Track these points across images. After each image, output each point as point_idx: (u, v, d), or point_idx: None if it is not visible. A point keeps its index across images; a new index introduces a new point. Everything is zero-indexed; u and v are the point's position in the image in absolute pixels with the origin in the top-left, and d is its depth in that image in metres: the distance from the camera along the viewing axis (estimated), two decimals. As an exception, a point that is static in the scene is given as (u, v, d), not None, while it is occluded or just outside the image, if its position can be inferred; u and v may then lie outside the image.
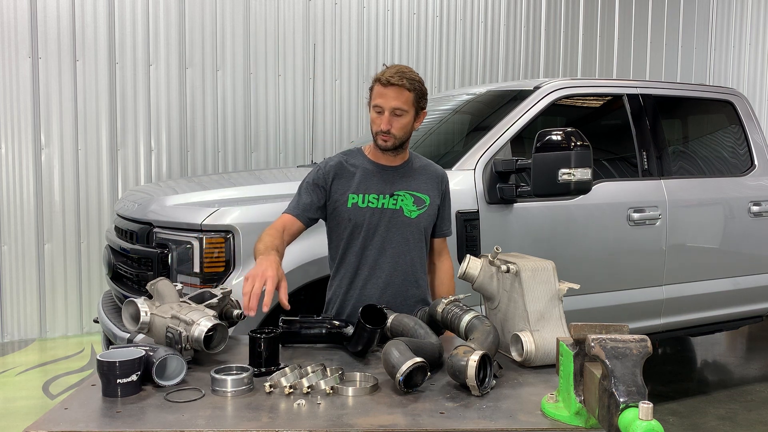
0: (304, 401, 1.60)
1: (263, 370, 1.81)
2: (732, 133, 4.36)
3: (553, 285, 1.94)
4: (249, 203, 2.94)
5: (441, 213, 2.43)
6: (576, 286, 1.94)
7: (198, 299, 2.07)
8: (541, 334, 1.88)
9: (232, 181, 3.85)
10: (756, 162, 4.29)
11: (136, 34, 5.48)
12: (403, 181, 2.32)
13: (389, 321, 2.04)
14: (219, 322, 1.85)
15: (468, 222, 3.14)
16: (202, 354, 1.89)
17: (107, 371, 1.62)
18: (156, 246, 2.93)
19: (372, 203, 2.27)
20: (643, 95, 3.97)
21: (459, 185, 3.20)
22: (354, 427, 1.47)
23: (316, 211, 2.30)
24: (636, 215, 3.66)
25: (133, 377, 1.64)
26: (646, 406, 1.19)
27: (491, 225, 3.21)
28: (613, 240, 3.61)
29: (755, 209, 4.11)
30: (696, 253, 3.95)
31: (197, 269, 2.79)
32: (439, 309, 2.04)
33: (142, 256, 3.01)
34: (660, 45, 8.52)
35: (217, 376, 1.67)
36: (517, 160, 3.22)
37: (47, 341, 5.21)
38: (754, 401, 4.05)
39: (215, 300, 2.08)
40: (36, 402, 3.91)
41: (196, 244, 2.79)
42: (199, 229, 2.81)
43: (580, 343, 1.44)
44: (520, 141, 3.45)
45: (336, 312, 2.34)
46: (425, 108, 2.29)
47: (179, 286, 2.08)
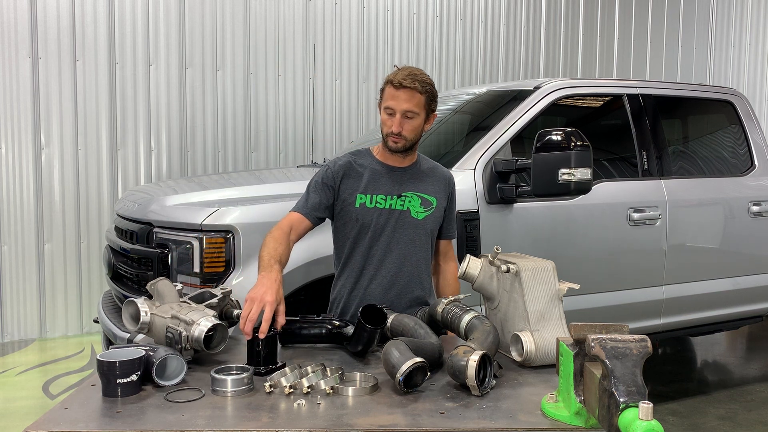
0: (304, 401, 1.60)
1: (262, 369, 1.81)
2: (732, 133, 4.36)
3: (553, 285, 1.94)
4: (249, 203, 2.94)
5: (447, 215, 2.44)
6: (576, 286, 1.94)
7: (198, 299, 2.07)
8: (541, 334, 1.88)
9: (232, 181, 3.85)
10: (756, 162, 4.29)
11: (136, 34, 5.48)
12: (411, 183, 2.32)
13: (389, 321, 2.04)
14: (219, 322, 1.85)
15: (468, 222, 3.14)
16: (202, 354, 1.89)
17: (107, 371, 1.62)
18: (156, 246, 2.93)
19: (380, 204, 2.27)
20: (643, 95, 3.96)
21: (459, 185, 3.17)
22: (354, 427, 1.47)
23: (324, 211, 2.31)
24: (636, 215, 3.66)
25: (133, 377, 1.64)
26: (646, 406, 1.19)
27: (491, 225, 3.21)
28: (613, 240, 3.61)
29: (755, 209, 4.11)
30: (696, 253, 3.95)
31: (197, 269, 2.78)
32: (439, 309, 2.05)
33: (142, 256, 3.01)
34: (660, 45, 8.52)
35: (217, 376, 1.67)
36: (517, 160, 3.22)
37: (47, 341, 5.21)
38: (754, 401, 4.05)
39: (215, 300, 2.08)
40: (36, 402, 3.91)
41: (196, 244, 2.79)
42: (199, 229, 2.81)
43: (580, 343, 1.44)
44: (520, 141, 3.45)
45: (340, 311, 2.34)
46: (435, 110, 2.30)
47: (179, 286, 2.08)
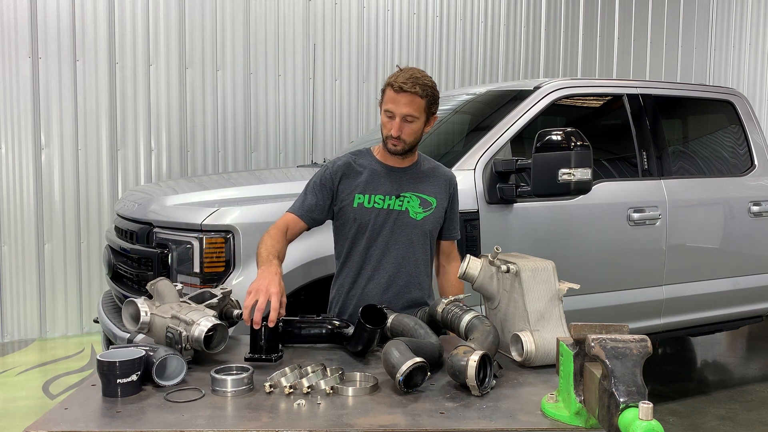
0: (304, 401, 1.60)
1: (264, 357, 1.85)
2: (732, 133, 4.36)
3: (553, 285, 1.94)
4: (249, 203, 2.94)
5: (449, 216, 2.42)
6: (576, 286, 1.94)
7: (198, 299, 2.07)
8: (541, 334, 1.88)
9: (232, 181, 3.85)
10: (756, 162, 4.29)
11: (136, 34, 5.48)
12: (411, 183, 2.32)
13: (389, 321, 2.04)
14: (219, 322, 1.85)
15: (468, 222, 3.14)
16: (202, 354, 1.89)
17: (107, 371, 1.62)
18: (156, 246, 2.93)
19: (378, 204, 2.27)
20: (643, 95, 3.96)
21: (459, 185, 3.18)
22: (354, 427, 1.47)
23: (320, 213, 2.31)
24: (636, 215, 3.66)
25: (133, 377, 1.64)
26: (646, 406, 1.19)
27: (491, 225, 3.21)
28: (613, 240, 3.61)
29: (755, 209, 4.11)
30: (696, 253, 3.95)
31: (197, 269, 2.79)
32: (439, 309, 2.05)
33: (142, 256, 3.01)
34: (660, 45, 8.52)
35: (217, 376, 1.67)
36: (517, 160, 3.22)
37: (47, 341, 5.21)
38: (754, 401, 4.05)
39: (215, 300, 2.08)
40: (36, 402, 3.91)
41: (196, 244, 2.79)
42: (199, 229, 2.81)
43: (580, 343, 1.44)
44: (520, 141, 3.45)
45: (338, 311, 2.35)
46: (436, 113, 2.29)
47: (179, 286, 2.08)
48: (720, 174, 4.19)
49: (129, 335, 2.78)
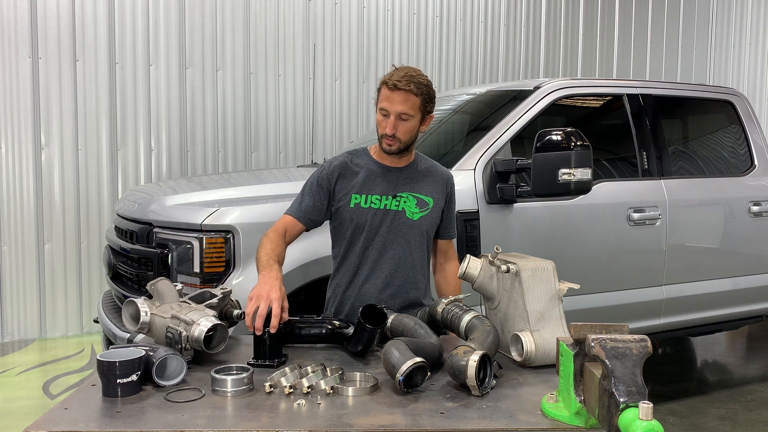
0: (304, 401, 1.60)
1: (267, 362, 1.87)
2: (732, 133, 4.36)
3: (553, 285, 1.94)
4: (249, 203, 2.94)
5: (446, 215, 2.42)
6: (576, 286, 1.94)
7: (198, 299, 2.07)
8: (541, 334, 1.88)
9: (232, 181, 3.85)
10: (756, 162, 4.29)
11: (136, 34, 5.48)
12: (408, 183, 2.31)
13: (389, 321, 2.04)
14: (219, 322, 1.85)
15: (468, 222, 3.14)
16: (202, 354, 1.89)
17: (107, 371, 1.62)
18: (156, 246, 2.93)
19: (374, 204, 2.26)
20: (643, 95, 3.96)
21: (459, 185, 3.18)
22: (354, 427, 1.47)
23: (318, 214, 2.30)
24: (636, 215, 3.66)
25: (133, 377, 1.64)
26: (646, 406, 1.19)
27: (491, 225, 3.21)
28: (613, 240, 3.61)
29: (755, 209, 4.11)
30: (696, 253, 3.95)
31: (197, 269, 2.79)
32: (439, 309, 2.05)
33: (142, 256, 3.01)
34: (660, 45, 8.52)
35: (217, 376, 1.67)
36: (517, 160, 3.22)
37: (47, 341, 5.21)
38: (754, 401, 4.05)
39: (215, 300, 2.08)
40: (36, 402, 3.91)
41: (196, 244, 2.79)
42: (199, 229, 2.81)
43: (580, 343, 1.44)
44: (520, 141, 3.45)
45: (334, 310, 2.35)
46: (432, 112, 2.28)
47: (179, 286, 2.08)
48: (720, 174, 4.19)
49: (129, 335, 2.78)
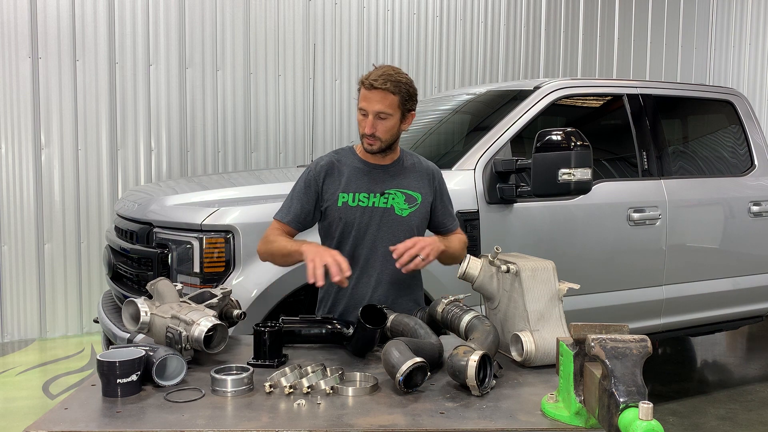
0: (304, 401, 1.60)
1: (267, 362, 1.87)
2: (732, 133, 4.36)
3: (553, 285, 1.94)
4: (249, 203, 2.94)
5: (442, 210, 2.40)
6: (576, 286, 1.94)
7: (198, 299, 2.07)
8: (541, 334, 1.88)
9: (232, 181, 3.85)
10: (756, 162, 4.29)
11: (136, 34, 5.48)
12: (394, 180, 2.30)
13: (389, 321, 2.04)
14: (219, 322, 1.85)
15: (468, 222, 3.14)
16: (202, 354, 1.89)
17: (107, 371, 1.62)
18: (156, 246, 2.93)
19: (362, 202, 2.26)
20: (643, 95, 3.96)
21: (459, 185, 3.20)
22: (354, 427, 1.47)
23: (307, 216, 2.31)
24: (636, 215, 3.66)
25: (133, 377, 1.64)
26: (646, 406, 1.19)
27: (491, 225, 3.21)
28: (613, 240, 3.61)
29: (755, 209, 4.11)
30: (696, 253, 3.95)
31: (197, 269, 2.78)
32: (439, 309, 2.05)
33: (142, 256, 3.01)
34: (660, 45, 8.52)
35: (217, 376, 1.67)
36: (517, 160, 3.22)
37: (47, 341, 5.21)
38: (754, 401, 4.05)
39: (215, 300, 2.08)
40: (36, 402, 3.91)
41: (196, 244, 2.79)
42: (199, 229, 2.81)
43: (580, 343, 1.44)
44: (520, 141, 3.45)
45: (328, 310, 2.34)
46: (414, 109, 2.26)
47: (179, 286, 2.08)
48: (720, 174, 4.19)
49: (129, 335, 2.78)
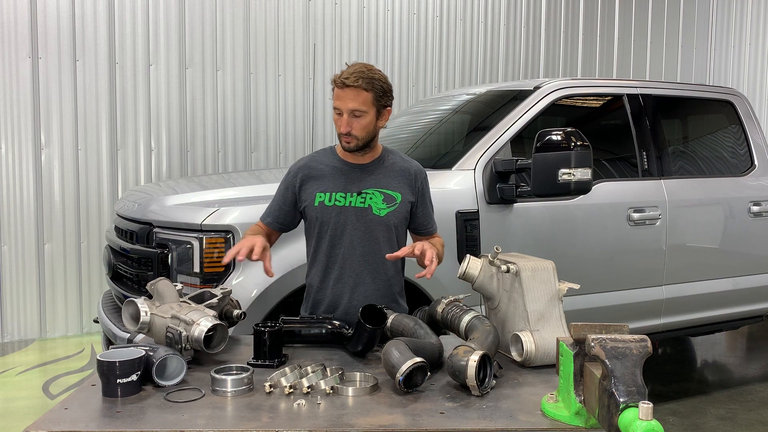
0: (304, 401, 1.60)
1: (267, 362, 1.88)
2: (732, 133, 4.36)
3: (553, 285, 1.94)
4: (249, 203, 2.93)
5: (421, 211, 2.38)
6: (576, 286, 1.94)
7: (198, 299, 2.07)
8: (541, 334, 1.88)
9: (232, 181, 3.85)
10: (756, 162, 4.29)
11: (136, 34, 5.48)
12: (372, 179, 2.29)
13: (389, 321, 2.04)
14: (219, 322, 1.85)
15: (468, 222, 3.14)
16: (202, 354, 1.89)
17: (107, 371, 1.62)
18: (156, 246, 2.93)
19: (339, 202, 2.25)
20: (643, 95, 3.96)
21: (459, 185, 3.20)
22: (354, 427, 1.47)
23: (287, 217, 2.34)
24: (636, 215, 3.66)
25: (133, 377, 1.64)
26: (646, 406, 1.19)
27: (491, 225, 3.21)
28: (613, 240, 3.61)
29: (755, 209, 4.11)
30: (696, 253, 3.95)
31: (197, 269, 2.78)
32: (439, 309, 2.05)
33: (142, 256, 3.01)
34: (660, 45, 8.52)
35: (217, 376, 1.67)
36: (517, 160, 3.22)
37: (47, 341, 5.21)
38: (754, 401, 4.05)
39: (215, 300, 2.08)
40: (36, 402, 3.91)
41: (196, 244, 2.79)
42: (199, 229, 2.81)
43: (580, 343, 1.44)
44: (520, 141, 3.45)
45: (309, 311, 2.33)
46: (390, 105, 2.26)
47: (179, 286, 2.08)
48: (720, 174, 4.19)
49: (129, 335, 2.78)
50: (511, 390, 1.70)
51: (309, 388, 1.66)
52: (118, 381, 1.62)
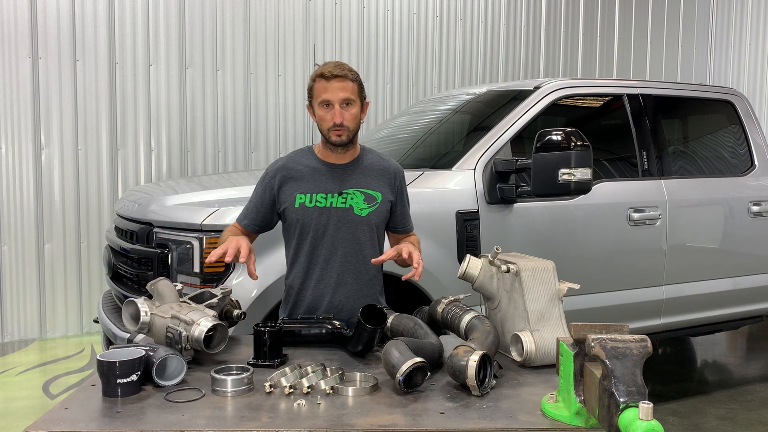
0: (304, 401, 1.60)
1: (267, 362, 1.88)
2: (732, 133, 4.36)
3: (553, 285, 1.94)
4: (249, 203, 2.93)
5: (400, 210, 2.38)
6: (576, 286, 1.94)
7: (198, 299, 2.07)
8: (541, 334, 1.88)
9: (232, 181, 3.85)
10: (756, 162, 4.29)
11: (136, 34, 5.48)
12: (353, 179, 2.28)
13: (389, 321, 2.04)
14: (219, 322, 1.85)
15: (468, 222, 3.14)
16: (202, 354, 1.89)
17: (107, 371, 1.62)
18: (156, 246, 2.93)
19: (320, 203, 2.24)
20: (643, 95, 3.96)
21: (459, 185, 3.20)
22: (354, 427, 1.47)
23: (263, 219, 2.33)
24: (636, 215, 3.66)
25: (133, 377, 1.64)
26: (646, 406, 1.19)
27: (491, 225, 3.21)
28: (613, 240, 3.61)
29: (755, 209, 4.11)
30: (696, 253, 3.95)
31: (197, 269, 2.78)
32: (439, 309, 2.05)
33: (142, 256, 3.01)
34: (660, 45, 8.52)
35: (217, 376, 1.67)
36: (517, 160, 3.22)
37: (47, 341, 5.21)
38: (754, 401, 4.05)
39: (215, 300, 2.08)
40: (36, 402, 3.91)
41: (196, 244, 2.79)
42: (199, 229, 2.81)
43: (580, 343, 1.44)
44: (520, 141, 3.45)
45: (289, 310, 2.32)
46: (367, 98, 2.30)
47: (179, 286, 2.08)
48: (720, 174, 4.19)
49: (129, 335, 2.78)
50: (511, 390, 1.70)
51: (309, 388, 1.66)
52: (118, 381, 1.62)
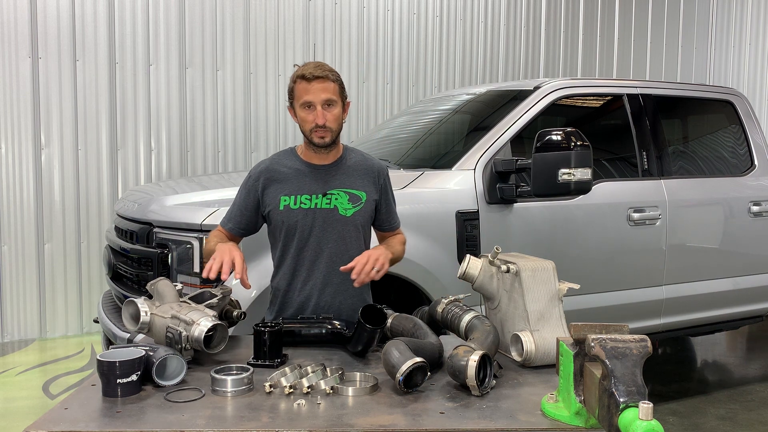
0: (304, 401, 1.60)
1: (267, 362, 1.88)
2: (732, 133, 4.36)
3: (553, 285, 1.94)
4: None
5: (385, 208, 2.38)
6: (576, 286, 1.94)
7: (198, 299, 2.07)
8: (541, 334, 1.88)
9: (232, 181, 3.85)
10: (756, 162, 4.29)
11: (136, 34, 5.48)
12: (337, 179, 2.28)
13: (389, 321, 2.04)
14: (219, 322, 1.85)
15: (468, 222, 3.14)
16: (202, 354, 1.89)
17: (107, 371, 1.62)
18: (156, 246, 2.93)
19: (305, 204, 2.24)
20: (643, 95, 3.96)
21: (459, 185, 3.20)
22: (354, 427, 1.47)
23: (248, 222, 2.32)
24: (636, 215, 3.66)
25: (133, 377, 1.64)
26: (646, 406, 1.19)
27: (491, 225, 3.21)
28: (613, 240, 3.61)
29: (755, 209, 4.11)
30: (696, 253, 3.95)
31: (197, 269, 2.78)
32: (439, 309, 2.05)
33: (142, 256, 3.01)
34: (660, 45, 8.52)
35: (217, 376, 1.67)
36: (517, 160, 3.22)
37: (47, 341, 5.21)
38: (754, 401, 4.05)
39: (215, 300, 2.08)
40: (36, 402, 3.91)
41: (196, 244, 2.79)
42: (199, 229, 2.81)
43: (580, 343, 1.44)
44: (520, 141, 3.45)
45: (276, 313, 2.31)
46: (347, 98, 2.30)
47: (179, 286, 2.08)
48: (720, 174, 4.19)
49: (129, 335, 2.78)
50: (511, 390, 1.70)
51: (309, 388, 1.66)
52: (118, 381, 1.62)
